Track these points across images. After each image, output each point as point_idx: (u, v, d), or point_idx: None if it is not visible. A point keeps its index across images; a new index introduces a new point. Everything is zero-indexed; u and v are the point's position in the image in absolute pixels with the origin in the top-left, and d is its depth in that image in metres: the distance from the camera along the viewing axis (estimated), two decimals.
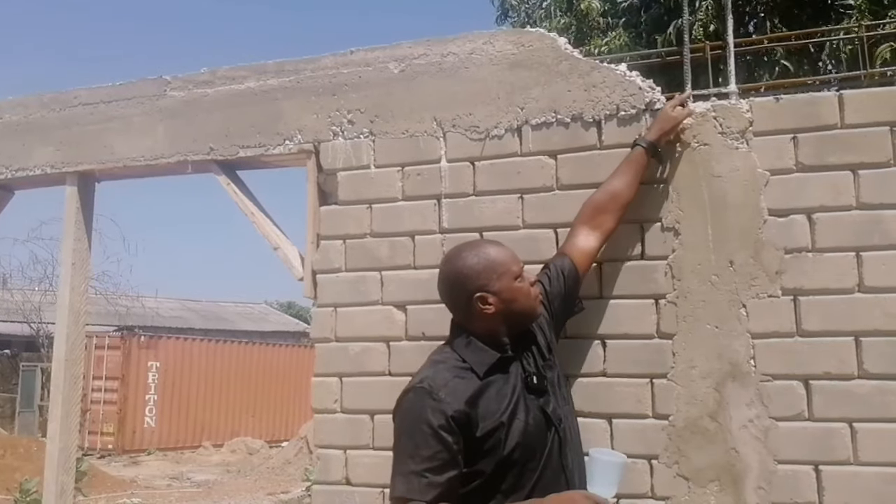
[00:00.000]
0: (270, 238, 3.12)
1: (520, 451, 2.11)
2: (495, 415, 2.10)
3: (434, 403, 2.07)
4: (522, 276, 2.25)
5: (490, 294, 2.19)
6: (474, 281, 2.20)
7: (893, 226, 2.44)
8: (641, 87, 2.72)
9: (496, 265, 2.22)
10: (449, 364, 2.19)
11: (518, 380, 2.20)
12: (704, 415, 2.54)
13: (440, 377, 2.14)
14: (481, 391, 2.12)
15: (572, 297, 2.52)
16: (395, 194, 2.94)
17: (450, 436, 2.04)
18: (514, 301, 2.21)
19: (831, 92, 2.61)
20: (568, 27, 9.12)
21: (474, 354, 2.19)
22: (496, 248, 2.28)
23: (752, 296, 2.54)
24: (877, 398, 2.40)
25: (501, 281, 2.20)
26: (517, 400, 2.16)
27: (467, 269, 2.23)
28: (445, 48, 2.95)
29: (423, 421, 2.06)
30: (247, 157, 3.18)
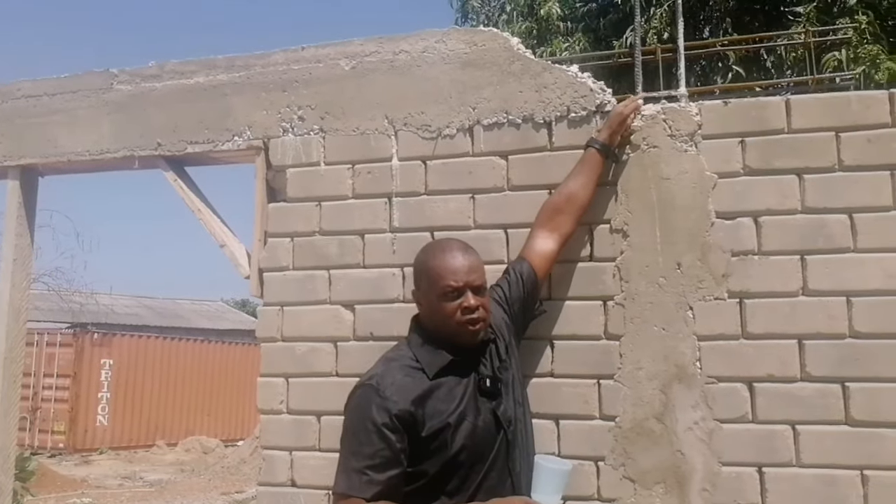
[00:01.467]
0: (217, 235, 3.07)
1: (466, 452, 2.11)
2: (442, 416, 2.10)
3: (379, 401, 2.07)
4: (456, 296, 2.16)
5: (422, 297, 2.26)
6: (416, 275, 2.29)
7: (837, 230, 2.47)
8: (593, 88, 2.72)
9: (429, 273, 2.23)
10: (401, 363, 2.19)
11: (471, 382, 2.19)
12: (650, 416, 2.54)
13: (389, 375, 2.14)
14: (430, 391, 2.12)
15: (532, 300, 2.51)
16: (346, 192, 2.91)
17: (393, 434, 2.05)
18: (433, 316, 2.23)
19: (779, 97, 2.63)
20: (529, 31, 9.16)
21: (427, 354, 2.19)
22: (450, 258, 2.22)
23: (698, 298, 2.55)
24: (818, 400, 2.42)
25: (428, 290, 2.23)
26: (467, 402, 2.15)
27: (417, 262, 2.31)
28: (397, 46, 2.93)
29: (367, 418, 2.06)
30: (195, 153, 3.13)
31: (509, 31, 9.20)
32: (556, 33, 8.94)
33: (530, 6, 9.34)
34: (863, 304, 2.42)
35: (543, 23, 9.06)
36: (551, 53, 8.23)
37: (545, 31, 9.04)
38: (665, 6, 7.63)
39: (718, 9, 7.61)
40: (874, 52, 6.49)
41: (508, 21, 9.48)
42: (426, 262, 2.25)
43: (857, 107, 2.51)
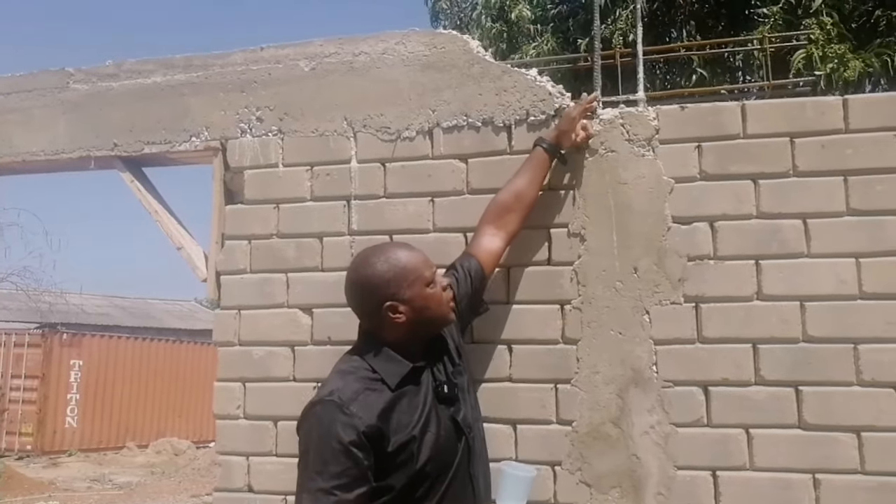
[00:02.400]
0: (174, 237, 3.03)
1: (432, 464, 2.05)
2: (407, 428, 2.03)
3: (345, 418, 1.97)
4: (435, 280, 2.18)
5: (401, 303, 2.11)
6: (384, 289, 2.11)
7: (791, 235, 2.49)
8: (551, 92, 2.72)
9: (407, 272, 2.14)
10: (359, 375, 2.09)
11: (429, 389, 2.14)
12: (607, 421, 2.55)
13: (350, 389, 2.03)
14: (393, 404, 2.05)
15: (478, 297, 2.50)
16: (304, 194, 2.89)
17: (361, 452, 1.96)
18: (426, 308, 2.15)
19: (734, 102, 2.64)
20: (499, 34, 9.17)
21: (385, 365, 2.10)
22: (407, 253, 2.20)
23: (655, 302, 2.56)
24: (772, 404, 2.44)
25: (413, 288, 2.12)
26: (429, 411, 2.10)
27: (377, 277, 2.13)
28: (357, 47, 2.91)
29: (332, 436, 1.96)
30: (152, 154, 3.09)
31: (479, 33, 9.32)
32: (527, 36, 8.96)
33: (500, 8, 9.36)
34: (816, 309, 2.44)
35: (514, 25, 9.08)
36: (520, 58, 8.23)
37: (515, 34, 9.07)
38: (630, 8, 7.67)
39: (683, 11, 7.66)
40: (841, 51, 6.56)
41: (478, 23, 9.49)
42: (396, 266, 2.14)
43: (812, 113, 2.53)
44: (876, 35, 6.83)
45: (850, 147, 2.48)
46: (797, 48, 6.26)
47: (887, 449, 2.36)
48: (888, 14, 6.82)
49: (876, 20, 6.95)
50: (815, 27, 6.53)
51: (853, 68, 6.23)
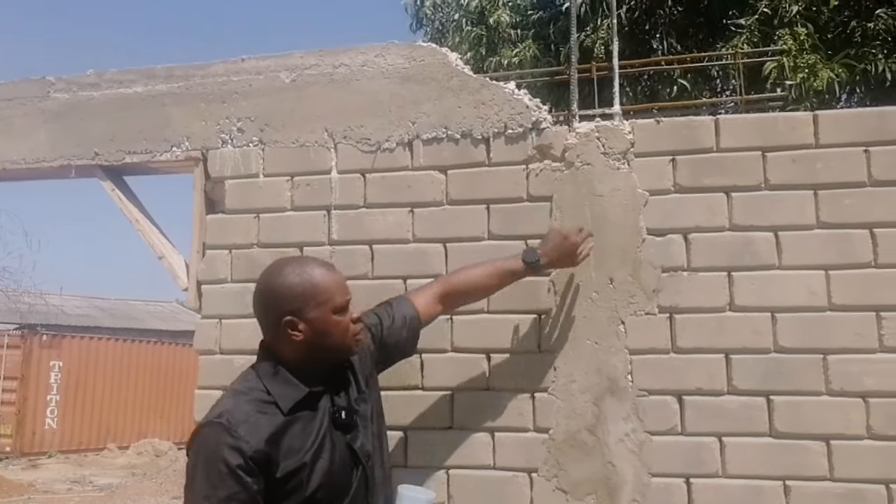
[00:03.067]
0: (155, 247, 3.05)
1: (323, 491, 1.99)
2: (298, 454, 1.96)
3: (232, 441, 1.89)
4: (347, 309, 2.09)
5: (301, 321, 2.03)
6: (289, 302, 2.04)
7: (763, 247, 2.54)
8: (529, 105, 2.76)
9: (318, 291, 2.05)
10: (252, 396, 2.00)
11: (326, 415, 2.06)
12: (583, 429, 2.59)
13: (240, 411, 1.95)
14: (284, 428, 1.97)
15: (407, 346, 2.43)
16: (284, 204, 2.91)
17: (248, 476, 1.89)
18: (327, 335, 2.05)
19: (708, 116, 2.69)
20: (480, 39, 9.20)
21: (281, 387, 2.02)
22: (324, 273, 2.10)
23: (630, 313, 2.60)
24: (744, 413, 2.49)
25: (318, 310, 2.04)
26: (323, 438, 2.02)
27: (284, 287, 2.05)
28: (337, 59, 2.94)
29: (219, 459, 1.89)
30: (133, 163, 3.10)
31: (460, 38, 9.37)
32: (507, 41, 9.02)
33: (481, 13, 9.40)
34: (786, 320, 2.50)
35: (494, 30, 9.14)
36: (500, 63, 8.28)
37: (496, 39, 9.12)
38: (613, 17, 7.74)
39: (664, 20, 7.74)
40: (812, 61, 6.67)
41: (458, 28, 9.52)
42: (307, 282, 2.05)
43: (783, 127, 2.59)
44: (851, 45, 6.95)
45: (820, 161, 2.54)
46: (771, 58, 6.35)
47: (855, 457, 2.42)
48: (862, 24, 6.94)
49: (851, 30, 7.07)
50: (789, 37, 6.63)
51: (822, 78, 6.33)
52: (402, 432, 2.71)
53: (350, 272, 2.81)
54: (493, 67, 8.30)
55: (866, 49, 6.78)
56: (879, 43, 6.82)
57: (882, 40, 6.85)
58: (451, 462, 2.67)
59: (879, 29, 6.84)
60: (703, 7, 7.99)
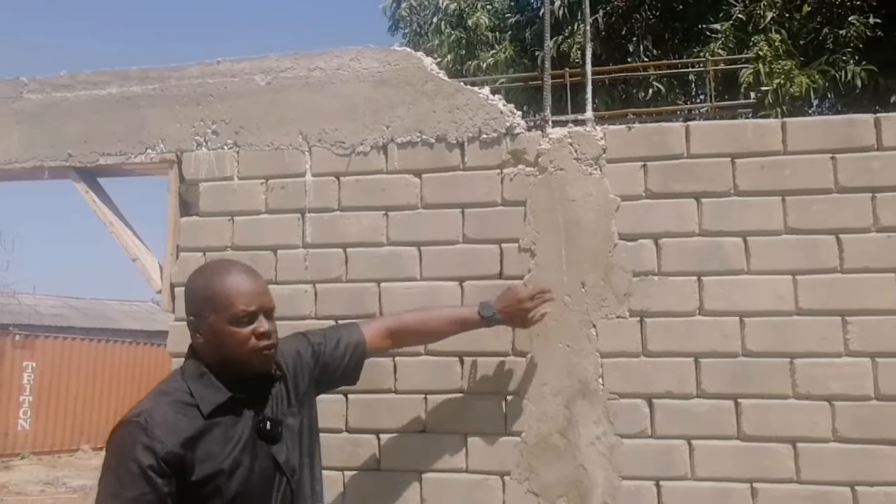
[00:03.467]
0: (129, 249, 3.04)
1: (241, 500, 1.96)
2: (216, 459, 1.93)
3: (147, 441, 1.87)
4: (250, 321, 2.00)
5: (202, 324, 2.01)
6: (193, 304, 2.05)
7: (732, 252, 2.58)
8: (503, 110, 2.79)
9: (218, 298, 2.00)
10: (175, 397, 1.98)
11: (249, 423, 2.02)
12: (554, 432, 2.61)
13: (160, 412, 1.93)
14: (203, 432, 1.94)
15: (349, 373, 2.40)
16: (259, 207, 2.91)
17: (160, 478, 1.86)
18: (221, 345, 2.00)
19: (679, 123, 2.73)
20: (458, 41, 9.24)
21: (204, 390, 1.99)
22: (238, 280, 2.03)
23: (601, 316, 2.63)
24: (712, 416, 2.53)
25: (214, 316, 1.99)
26: (244, 446, 1.99)
27: (193, 289, 2.07)
28: (312, 63, 2.95)
29: (131, 459, 1.86)
30: (107, 165, 3.09)
31: (438, 41, 9.39)
32: (485, 43, 9.06)
33: (459, 16, 9.44)
34: (754, 324, 2.54)
35: (472, 33, 9.18)
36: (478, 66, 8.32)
37: (473, 41, 9.16)
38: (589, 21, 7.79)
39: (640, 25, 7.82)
40: (788, 67, 6.76)
41: (437, 30, 9.56)
42: (209, 287, 2.02)
43: (752, 134, 2.63)
44: (823, 52, 7.06)
45: (789, 168, 2.59)
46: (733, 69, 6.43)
47: (820, 459, 2.46)
48: (834, 31, 7.04)
49: (823, 38, 7.17)
50: (764, 43, 6.72)
51: (798, 84, 6.43)
52: (375, 436, 2.72)
53: (324, 275, 2.83)
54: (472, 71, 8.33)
55: (838, 56, 6.89)
56: (851, 50, 6.93)
57: (853, 47, 6.96)
58: (423, 465, 2.68)
59: (851, 36, 6.95)
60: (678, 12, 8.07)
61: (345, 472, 2.73)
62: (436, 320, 2.54)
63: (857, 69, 6.66)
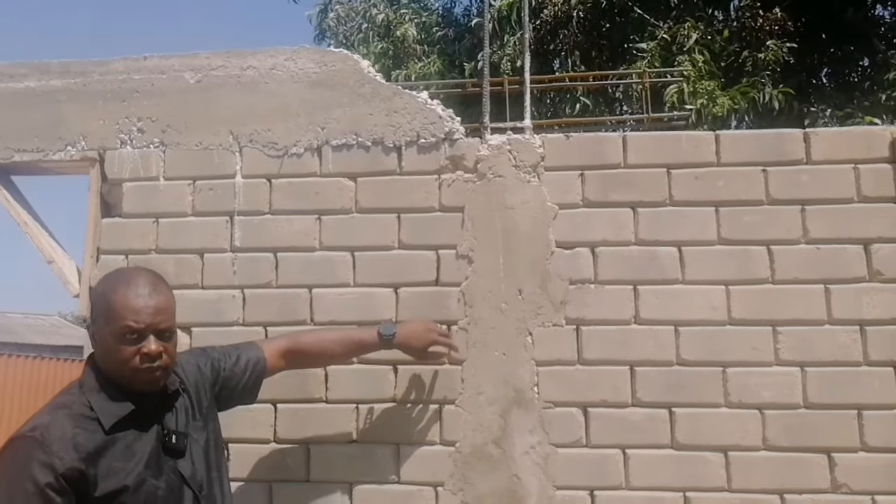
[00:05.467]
0: (45, 251, 2.88)
1: None
2: (119, 475, 1.84)
3: (43, 457, 1.77)
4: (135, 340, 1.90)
5: (96, 333, 1.95)
6: (93, 310, 1.98)
7: (667, 262, 2.60)
8: (442, 115, 2.75)
9: (111, 311, 1.91)
10: (72, 410, 1.88)
11: (153, 437, 1.95)
12: (489, 441, 2.58)
13: (57, 426, 1.83)
14: (105, 447, 1.85)
15: (248, 392, 2.32)
16: (185, 209, 2.80)
17: (58, 496, 1.76)
18: (107, 359, 1.92)
19: (616, 133, 2.75)
20: (385, 52, 9.23)
21: (104, 403, 1.90)
22: (135, 295, 1.92)
23: (538, 324, 2.61)
24: (647, 425, 2.53)
25: (105, 329, 1.91)
26: (149, 460, 1.91)
27: (97, 294, 2.00)
28: (245, 61, 2.86)
29: (26, 477, 1.76)
30: (23, 162, 2.92)
31: (365, 51, 9.33)
32: (412, 55, 9.06)
33: (387, 27, 9.44)
34: (688, 334, 2.56)
35: (400, 44, 9.18)
36: (406, 76, 8.32)
37: (401, 53, 9.16)
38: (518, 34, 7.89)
39: (567, 42, 7.95)
40: (711, 87, 6.95)
41: (365, 40, 9.52)
42: (105, 296, 1.94)
43: (687, 146, 2.66)
44: (743, 74, 7.29)
45: (722, 179, 2.62)
46: (671, 83, 6.60)
47: (751, 467, 2.48)
48: (753, 55, 7.28)
49: (743, 60, 7.41)
50: (689, 63, 6.91)
51: (721, 105, 6.62)
52: (305, 446, 2.64)
53: (254, 280, 2.74)
54: (401, 80, 8.32)
55: (756, 78, 7.12)
56: (769, 73, 7.17)
57: (771, 70, 7.21)
58: (354, 476, 2.61)
59: (769, 59, 7.19)
60: (605, 31, 8.24)
61: (272, 483, 2.64)
62: (332, 342, 2.47)
63: (775, 92, 6.90)
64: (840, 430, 2.48)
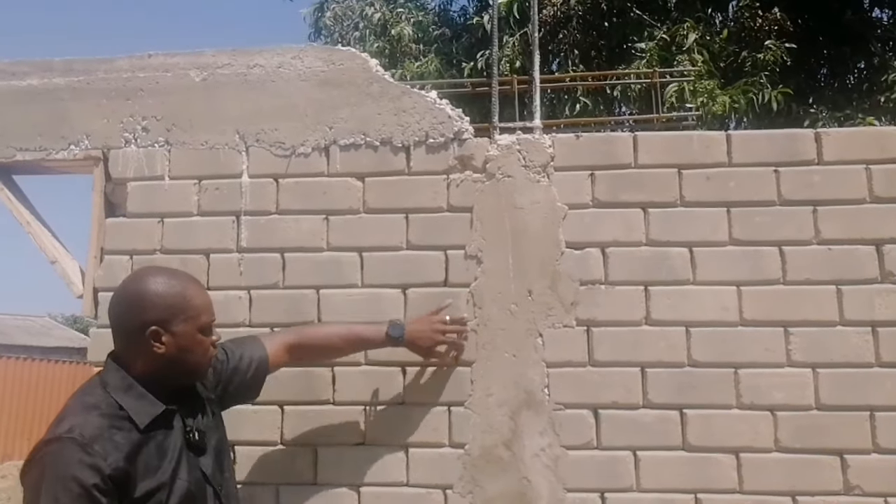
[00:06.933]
0: (48, 251, 2.84)
1: None
2: (156, 473, 1.87)
3: (87, 458, 1.76)
4: (211, 330, 2.04)
5: (167, 333, 1.94)
6: (156, 312, 1.94)
7: (678, 262, 2.58)
8: (451, 115, 2.73)
9: (189, 306, 1.97)
10: (104, 410, 1.87)
11: (180, 435, 1.97)
12: (499, 443, 2.55)
13: (93, 426, 1.82)
14: (141, 446, 1.86)
15: (251, 389, 2.34)
16: (191, 209, 2.77)
17: (104, 497, 1.76)
18: (190, 352, 1.98)
19: (627, 133, 2.73)
20: (382, 51, 9.21)
21: (135, 402, 1.90)
22: (196, 288, 2.04)
23: (548, 325, 2.59)
24: (658, 426, 2.51)
25: (186, 325, 1.96)
26: (179, 458, 1.93)
27: (155, 295, 1.96)
28: (252, 60, 2.83)
29: (71, 478, 1.74)
30: (25, 161, 2.89)
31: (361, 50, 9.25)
32: (409, 54, 9.05)
33: (383, 26, 9.43)
34: (700, 335, 2.54)
35: (396, 43, 9.16)
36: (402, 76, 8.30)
37: (397, 52, 9.14)
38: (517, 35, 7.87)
39: (567, 42, 7.95)
40: (711, 86, 6.95)
41: (361, 39, 9.50)
42: (183, 295, 1.98)
43: (698, 146, 2.64)
44: (742, 74, 7.29)
45: (733, 180, 2.61)
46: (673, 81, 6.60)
47: (763, 469, 2.47)
48: (752, 55, 7.29)
49: (742, 61, 7.41)
50: (688, 63, 6.91)
51: (721, 104, 6.62)
52: (312, 448, 2.61)
53: (260, 281, 2.71)
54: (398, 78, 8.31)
55: (755, 78, 7.12)
56: (768, 73, 7.18)
57: (770, 71, 7.21)
58: (362, 479, 2.58)
59: (768, 60, 7.20)
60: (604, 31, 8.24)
61: (279, 486, 2.61)
62: (338, 339, 2.48)
63: (774, 92, 6.90)
64: (852, 431, 2.46)
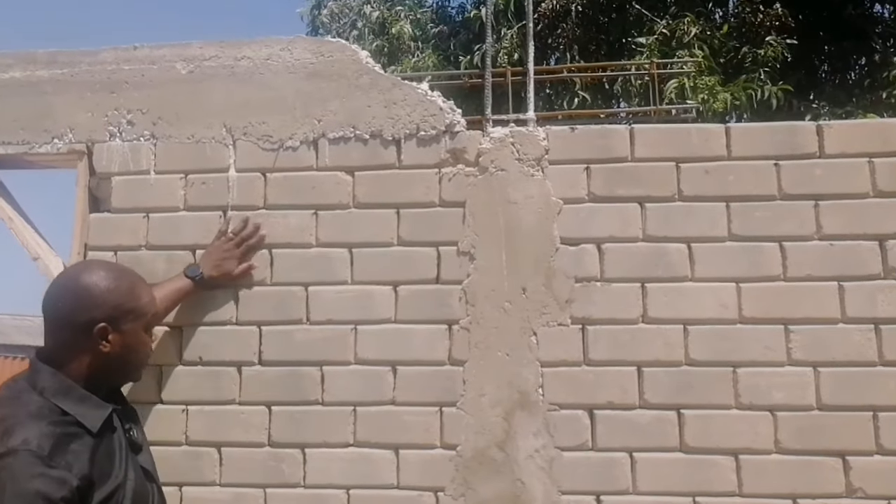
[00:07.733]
0: (30, 247, 2.77)
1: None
2: (110, 477, 1.83)
3: (51, 471, 1.69)
4: (152, 328, 2.04)
5: (115, 331, 1.90)
6: (106, 308, 1.89)
7: (676, 258, 2.51)
8: (442, 107, 2.66)
9: (138, 304, 1.94)
10: (51, 419, 1.79)
11: (122, 434, 1.94)
12: (492, 444, 2.49)
13: (47, 437, 1.74)
14: (95, 451, 1.81)
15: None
16: (177, 203, 2.70)
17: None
18: (134, 352, 1.97)
19: (623, 126, 2.66)
20: (381, 49, 9.18)
21: (80, 406, 1.84)
22: (143, 285, 2.01)
23: (542, 323, 2.52)
24: (655, 427, 2.44)
25: (134, 323, 1.93)
26: (125, 457, 1.91)
27: (104, 291, 1.91)
28: (239, 52, 2.76)
29: (34, 493, 1.65)
30: (8, 155, 2.82)
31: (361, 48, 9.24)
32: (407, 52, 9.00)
33: (382, 24, 9.39)
34: (698, 333, 2.47)
35: (395, 41, 9.11)
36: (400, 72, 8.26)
37: (396, 50, 9.09)
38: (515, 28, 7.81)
39: (566, 36, 7.90)
40: (711, 83, 6.89)
41: (360, 37, 9.46)
42: (133, 291, 1.95)
43: (697, 139, 2.57)
44: (742, 70, 7.23)
45: (732, 173, 2.54)
46: (670, 77, 6.54)
47: (762, 470, 2.40)
48: (753, 51, 7.23)
49: (742, 56, 7.35)
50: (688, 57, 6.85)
51: (722, 100, 6.55)
52: (300, 450, 2.54)
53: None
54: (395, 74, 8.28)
55: (755, 74, 7.06)
56: (768, 69, 7.11)
57: (770, 67, 7.15)
58: (351, 482, 2.51)
59: (768, 56, 7.14)
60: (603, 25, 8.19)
61: (266, 489, 2.54)
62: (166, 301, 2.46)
63: (774, 88, 6.84)
64: (854, 432, 2.39)
